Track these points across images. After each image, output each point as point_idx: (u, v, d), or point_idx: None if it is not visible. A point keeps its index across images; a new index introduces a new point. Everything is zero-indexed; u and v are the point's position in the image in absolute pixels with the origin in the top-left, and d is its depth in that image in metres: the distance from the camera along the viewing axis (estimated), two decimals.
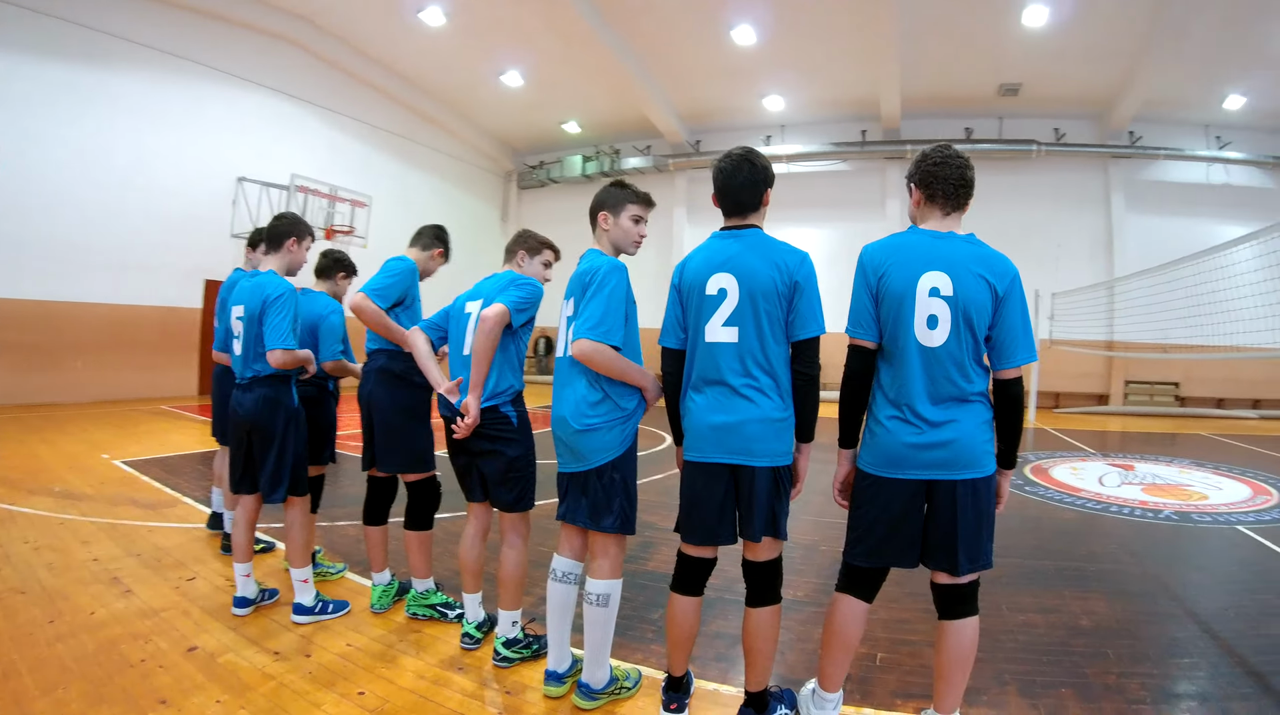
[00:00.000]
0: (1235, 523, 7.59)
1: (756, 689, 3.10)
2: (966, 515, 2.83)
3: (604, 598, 3.22)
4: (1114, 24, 16.10)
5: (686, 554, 3.15)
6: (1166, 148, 20.71)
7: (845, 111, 21.70)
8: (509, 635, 3.69)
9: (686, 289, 3.12)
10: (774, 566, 3.08)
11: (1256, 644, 4.44)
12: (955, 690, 2.95)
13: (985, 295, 2.80)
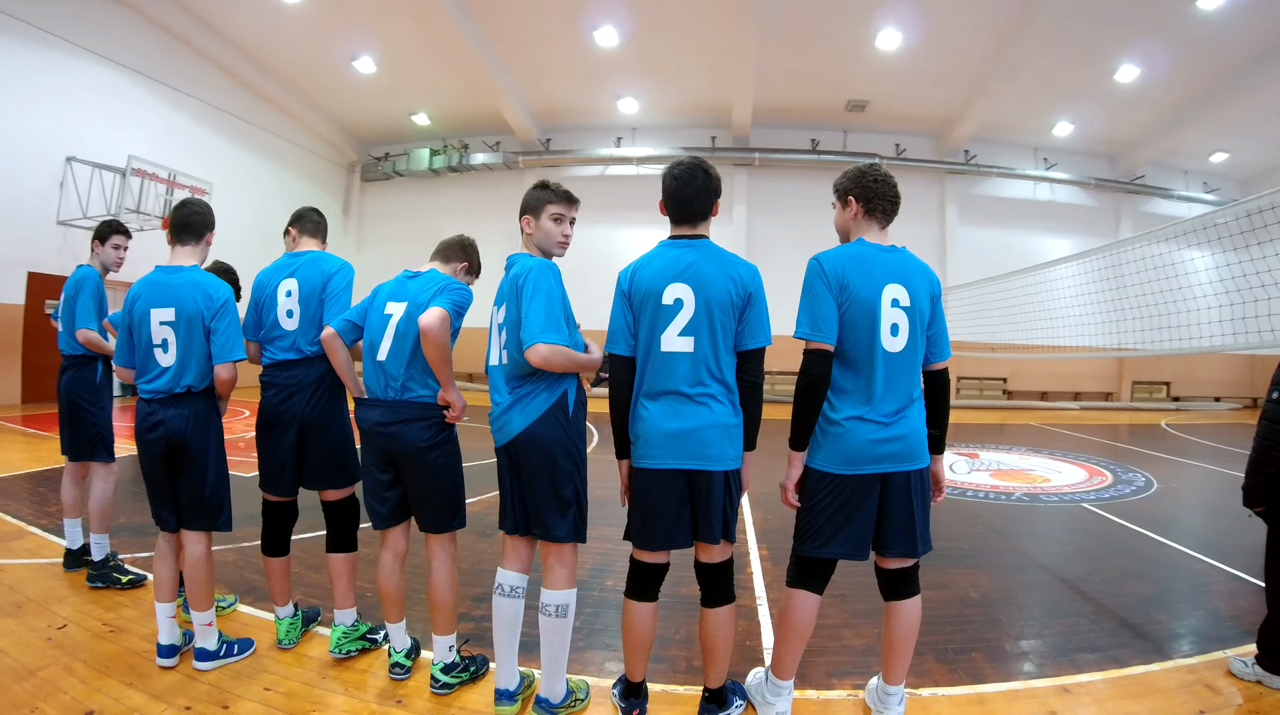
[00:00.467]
0: (1079, 501, 8.44)
1: (717, 684, 3.17)
2: (919, 502, 3.06)
3: (562, 608, 3.14)
4: (961, 53, 17.49)
5: (642, 561, 3.14)
6: (999, 166, 22.95)
7: (697, 117, 21.87)
8: (447, 660, 3.45)
9: (639, 297, 3.07)
10: (728, 567, 3.14)
11: (1123, 601, 5.04)
12: (905, 662, 3.16)
13: (927, 302, 3.08)
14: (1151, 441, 14.77)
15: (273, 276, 3.93)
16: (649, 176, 21.78)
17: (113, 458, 4.99)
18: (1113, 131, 22.39)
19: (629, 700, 3.20)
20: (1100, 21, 15.57)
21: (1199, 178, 25.15)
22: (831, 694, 3.50)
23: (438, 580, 3.47)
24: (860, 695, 3.46)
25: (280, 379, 3.84)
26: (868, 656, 3.93)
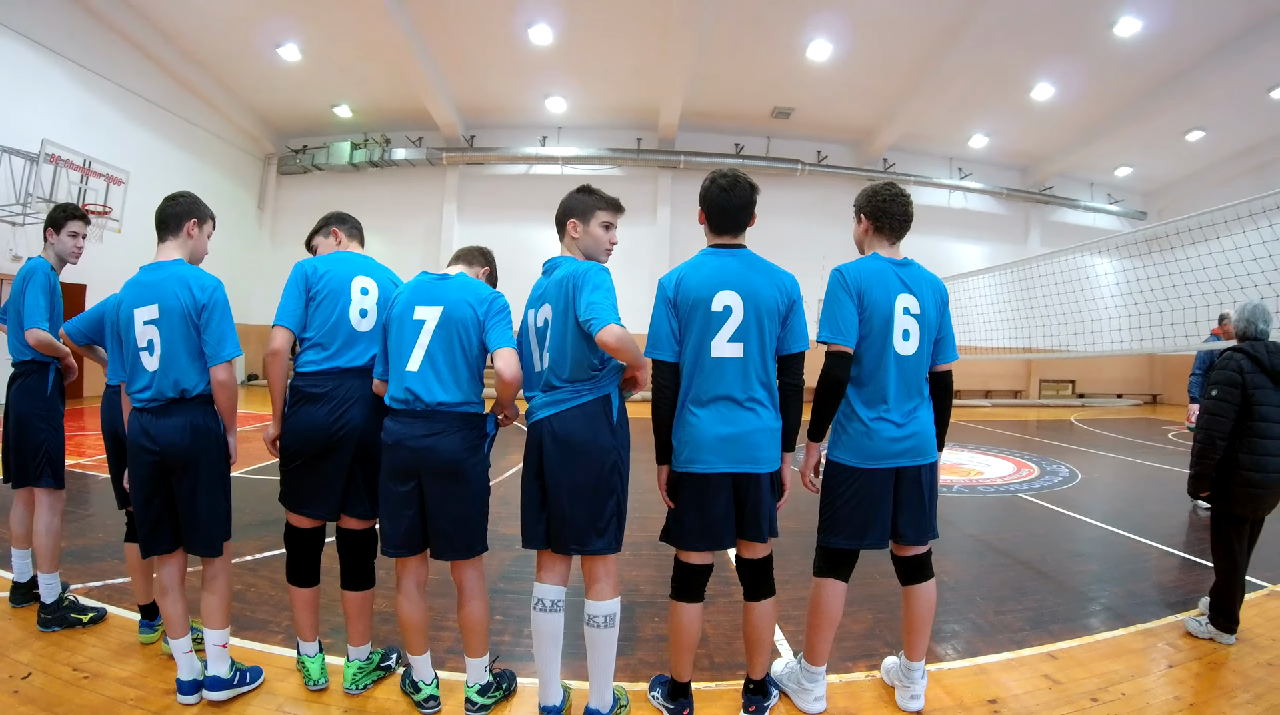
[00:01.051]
0: (1015, 491, 9.19)
1: (760, 675, 3.34)
2: (929, 493, 3.38)
3: (610, 618, 3.13)
4: (888, 68, 18.30)
5: (690, 562, 3.23)
6: (916, 174, 23.90)
7: (624, 118, 21.87)
8: (482, 681, 3.33)
9: (686, 304, 3.14)
10: (769, 562, 3.29)
11: (1077, 577, 5.76)
12: (925, 639, 3.44)
13: (937, 309, 3.40)
14: (1065, 436, 15.99)
15: (347, 273, 3.52)
16: (574, 177, 21.39)
17: (62, 485, 4.29)
18: (1025, 145, 23.95)
19: (678, 701, 3.30)
20: (1022, 44, 16.61)
21: (1104, 189, 27.23)
22: (851, 676, 3.78)
23: (472, 602, 3.29)
24: (877, 675, 3.76)
25: (336, 391, 3.41)
26: (871, 640, 4.25)
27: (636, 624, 4.44)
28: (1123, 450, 13.51)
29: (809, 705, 3.38)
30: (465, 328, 3.17)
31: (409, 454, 3.12)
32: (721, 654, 3.97)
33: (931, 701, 3.48)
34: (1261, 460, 4.20)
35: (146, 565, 3.70)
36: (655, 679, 3.51)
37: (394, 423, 3.17)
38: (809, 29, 16.45)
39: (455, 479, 3.16)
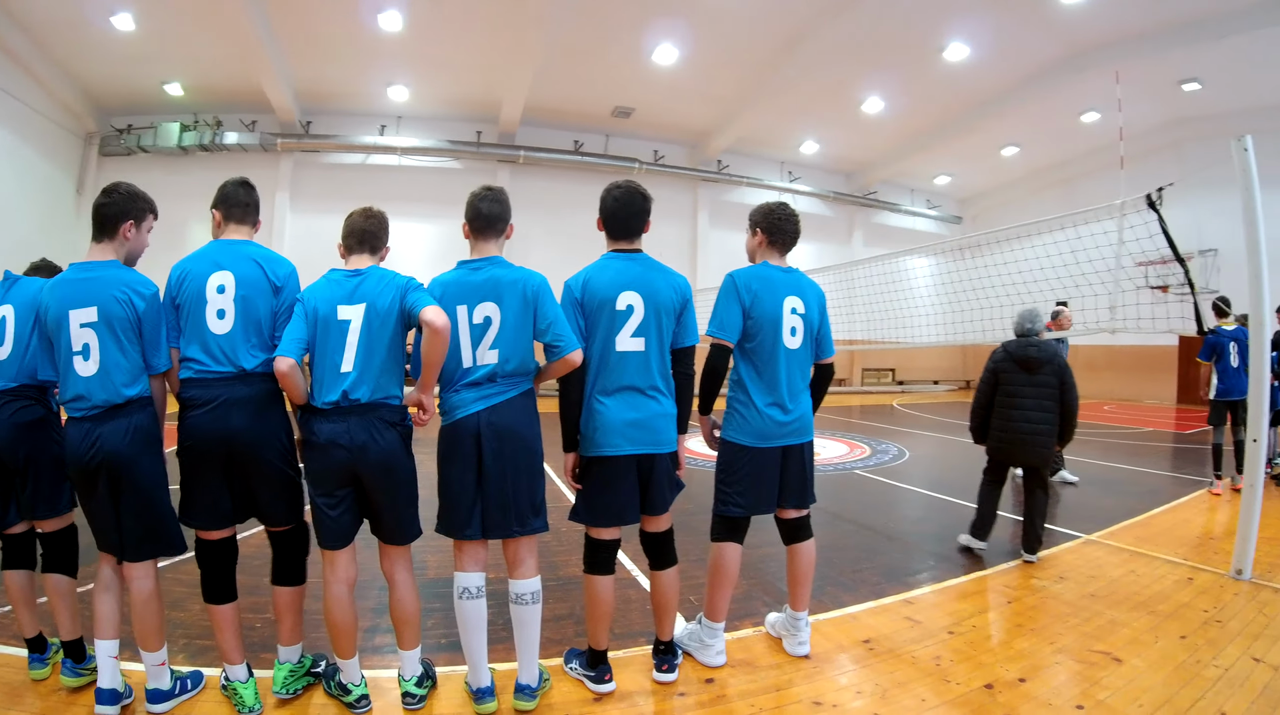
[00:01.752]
0: (851, 469, 10.15)
1: (668, 637, 3.68)
2: (809, 466, 3.95)
3: (536, 595, 3.35)
4: (728, 75, 19.06)
5: (601, 538, 3.52)
6: (748, 176, 25.14)
7: (466, 110, 21.48)
8: (418, 672, 3.36)
9: (594, 304, 3.44)
10: (670, 534, 3.69)
11: (920, 537, 6.60)
12: (807, 592, 3.97)
13: (818, 311, 3.94)
14: (890, 419, 17.55)
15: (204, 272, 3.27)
16: (411, 168, 21.56)
17: None
18: (853, 152, 25.71)
19: (598, 668, 3.52)
20: (857, 61, 17.84)
21: (923, 195, 29.75)
22: (741, 633, 4.22)
23: (406, 594, 3.33)
24: (764, 630, 4.24)
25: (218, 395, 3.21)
26: (751, 601, 4.73)
27: None
28: (941, 430, 15.12)
29: (711, 659, 3.79)
30: (388, 321, 3.21)
31: (344, 452, 3.13)
32: (620, 625, 4.26)
33: (815, 646, 4.00)
34: (1007, 423, 5.82)
35: (29, 594, 3.41)
36: (568, 653, 3.76)
37: (326, 423, 3.15)
38: (655, 34, 16.90)
39: (390, 472, 3.23)
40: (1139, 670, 3.78)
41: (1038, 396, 5.71)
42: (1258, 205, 5.29)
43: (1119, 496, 8.07)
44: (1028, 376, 5.75)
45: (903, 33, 16.47)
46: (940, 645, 4.12)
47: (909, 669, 3.80)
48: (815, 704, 3.42)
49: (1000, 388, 5.87)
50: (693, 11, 15.71)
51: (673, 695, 3.49)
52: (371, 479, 3.19)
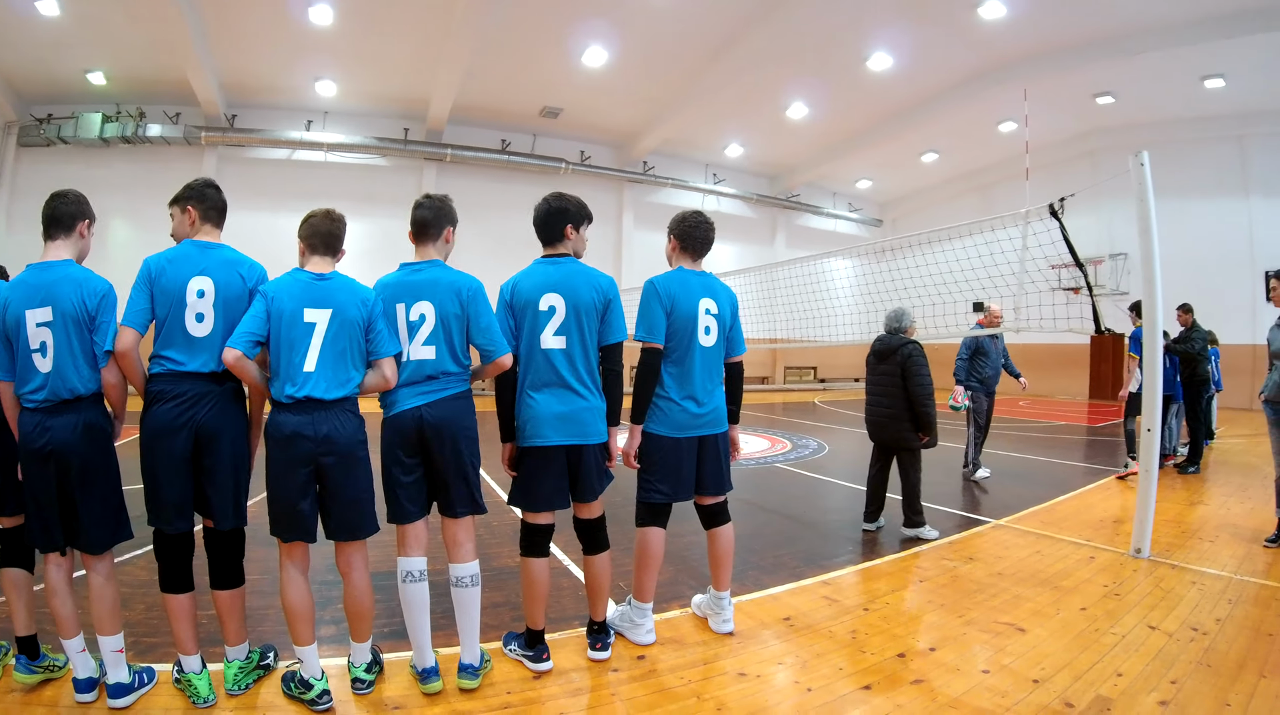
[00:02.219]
0: (772, 463, 10.40)
1: (602, 618, 3.85)
2: (724, 455, 4.16)
3: (475, 577, 3.50)
4: (657, 78, 19.19)
5: (535, 523, 3.69)
6: (674, 178, 25.36)
7: (393, 107, 21.10)
8: (367, 660, 3.47)
9: (520, 305, 3.66)
10: (602, 520, 3.85)
11: (837, 524, 6.88)
12: (728, 573, 4.18)
13: (730, 313, 4.17)
14: (810, 415, 17.98)
15: (185, 274, 3.32)
16: (337, 164, 21.10)
17: None
18: (777, 156, 26.18)
19: (536, 648, 3.66)
20: (783, 68, 18.11)
21: (845, 198, 30.45)
22: (670, 614, 4.37)
23: (363, 587, 3.41)
24: (690, 610, 4.42)
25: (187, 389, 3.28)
26: (677, 585, 4.88)
27: None
28: (861, 425, 14.93)
29: (642, 637, 3.96)
30: (353, 329, 3.34)
31: (308, 444, 3.22)
32: (553, 610, 4.33)
33: (738, 624, 4.17)
34: (867, 408, 6.62)
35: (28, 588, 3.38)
36: (506, 636, 3.86)
37: (290, 416, 3.23)
38: (586, 35, 16.90)
39: (350, 465, 3.33)
40: (1041, 638, 4.06)
41: (884, 384, 6.46)
42: (1152, 215, 5.71)
43: (1029, 486, 8.44)
44: (878, 366, 6.53)
45: (829, 42, 16.86)
46: (856, 620, 4.33)
47: (827, 642, 4.00)
48: (740, 675, 3.60)
49: (866, 378, 6.70)
50: (623, 14, 15.80)
51: (607, 671, 3.63)
52: (332, 469, 3.28)
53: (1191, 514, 7.24)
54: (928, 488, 6.54)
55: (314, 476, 3.29)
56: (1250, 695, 3.40)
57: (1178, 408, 9.90)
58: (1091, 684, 3.50)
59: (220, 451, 3.27)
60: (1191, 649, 3.92)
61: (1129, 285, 21.12)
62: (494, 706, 3.23)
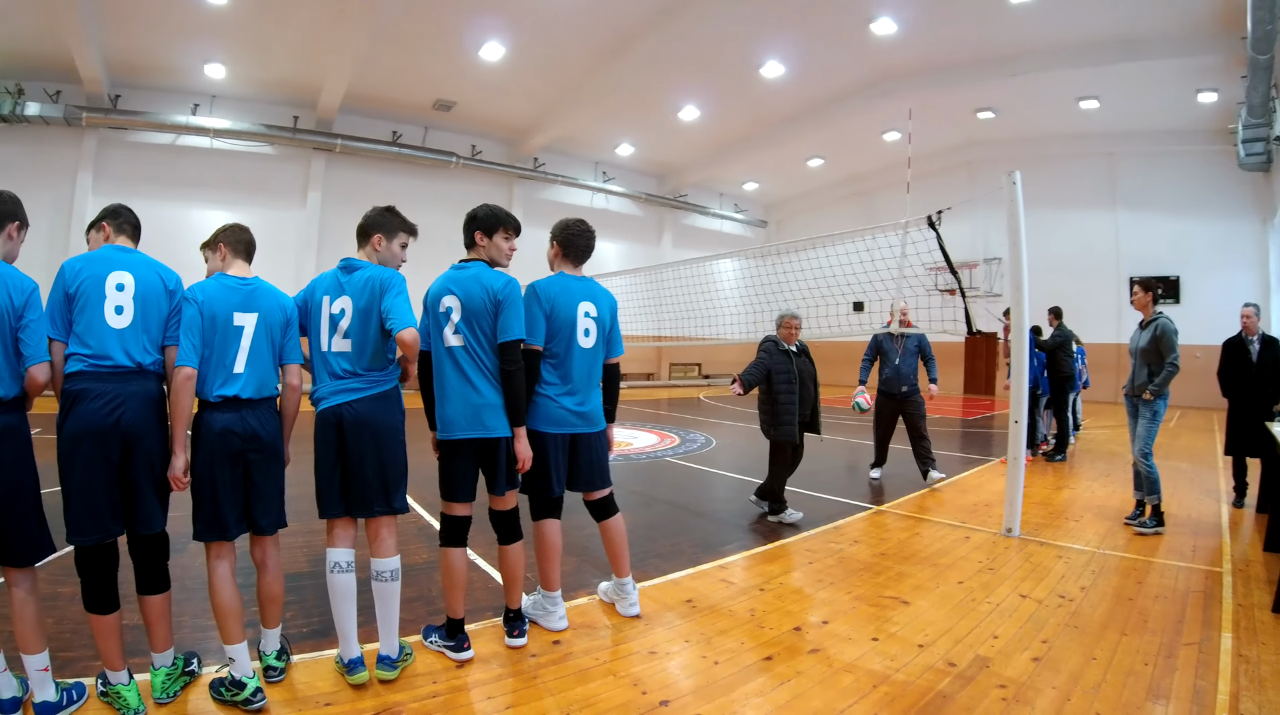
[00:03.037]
0: (663, 457, 10.58)
1: (517, 605, 3.95)
2: (602, 452, 4.34)
3: (395, 572, 3.57)
4: (553, 75, 19.16)
5: (453, 514, 3.82)
6: (564, 175, 25.46)
7: (283, 94, 20.21)
8: (277, 647, 3.53)
9: (428, 306, 3.84)
10: (515, 512, 3.95)
11: (728, 514, 7.07)
12: (626, 560, 4.37)
13: (609, 317, 4.34)
14: (696, 411, 18.36)
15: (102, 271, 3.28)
16: (223, 151, 19.99)
17: None
18: (667, 157, 26.61)
19: (456, 637, 3.73)
20: (677, 72, 18.50)
21: (732, 200, 31.19)
22: (578, 602, 4.51)
23: (276, 573, 3.52)
24: (597, 598, 4.57)
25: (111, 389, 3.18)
26: (581, 575, 5.02)
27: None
28: (746, 420, 15.92)
29: (555, 624, 4.10)
30: (275, 332, 3.49)
31: (239, 440, 3.31)
32: (468, 602, 4.28)
33: (644, 608, 4.34)
34: (777, 407, 6.54)
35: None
36: (425, 629, 3.92)
37: (221, 414, 3.31)
38: (484, 29, 16.73)
39: (273, 461, 3.45)
40: (924, 609, 4.41)
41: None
42: (1021, 228, 6.25)
43: (907, 474, 8.80)
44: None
45: (724, 49, 17.27)
46: (753, 600, 4.56)
47: (728, 620, 4.22)
48: (651, 653, 3.80)
49: (770, 376, 6.64)
50: (522, 10, 15.72)
51: (526, 657, 3.74)
52: (257, 465, 3.37)
53: (1058, 497, 7.87)
54: (813, 476, 6.79)
55: (241, 474, 3.35)
56: (1113, 651, 3.82)
57: (1047, 401, 10.66)
58: (971, 646, 3.85)
59: (148, 453, 3.20)
60: (1060, 613, 4.34)
61: (1002, 288, 22.35)
62: (422, 696, 3.28)
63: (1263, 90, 14.03)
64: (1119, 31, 15.57)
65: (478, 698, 3.28)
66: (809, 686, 3.40)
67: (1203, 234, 20.54)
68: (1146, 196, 21.56)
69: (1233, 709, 3.21)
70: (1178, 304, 20.13)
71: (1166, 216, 21.24)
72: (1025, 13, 15.03)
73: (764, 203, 32.52)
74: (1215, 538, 6.21)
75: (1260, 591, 4.80)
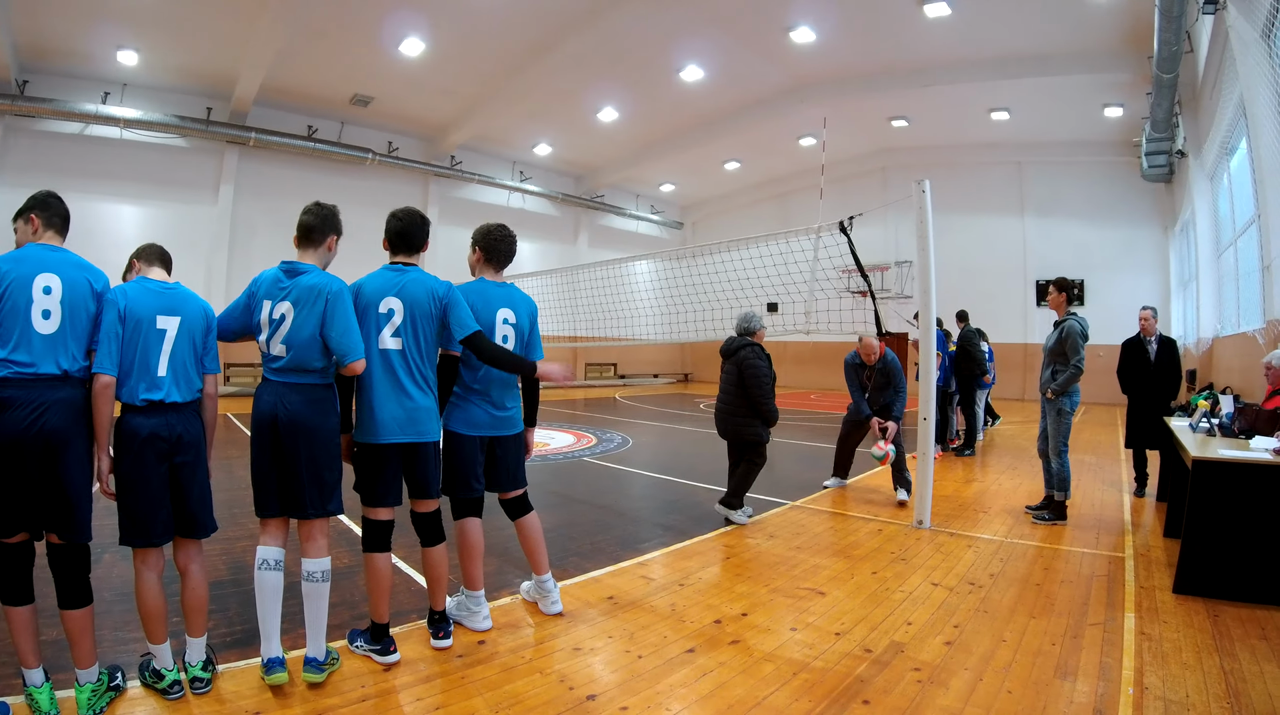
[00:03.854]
0: (580, 457, 10.54)
1: (441, 606, 3.94)
2: (519, 454, 4.38)
3: (326, 573, 3.52)
4: (473, 73, 18.87)
5: (376, 519, 3.77)
6: (481, 174, 25.05)
7: (198, 84, 19.02)
8: (203, 658, 3.42)
9: (362, 307, 3.73)
10: (438, 514, 3.96)
11: (647, 512, 7.17)
12: (544, 556, 4.38)
13: (528, 322, 4.35)
14: (613, 411, 18.36)
15: (28, 273, 3.18)
16: (133, 143, 18.75)
17: None
18: (585, 157, 26.52)
19: (383, 641, 3.70)
20: (598, 73, 18.48)
21: (649, 201, 31.27)
22: (501, 602, 4.49)
23: (199, 583, 3.44)
24: (520, 597, 4.57)
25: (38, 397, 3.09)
26: (503, 575, 5.00)
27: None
28: (663, 419, 16.04)
29: (480, 624, 4.08)
30: (197, 336, 3.46)
31: (166, 444, 3.27)
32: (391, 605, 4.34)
33: (566, 605, 4.35)
34: (717, 403, 6.66)
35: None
36: (350, 633, 3.86)
37: (145, 418, 3.26)
38: (404, 24, 16.32)
39: (198, 464, 3.40)
40: (839, 599, 4.52)
41: (725, 382, 6.73)
42: (929, 234, 6.48)
43: (820, 471, 8.92)
44: (724, 364, 6.76)
45: (644, 52, 17.33)
46: (674, 595, 4.59)
47: (649, 615, 4.25)
48: (576, 649, 3.82)
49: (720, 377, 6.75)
50: (443, 7, 15.44)
51: (452, 658, 3.72)
52: (183, 468, 3.33)
53: (968, 490, 8.16)
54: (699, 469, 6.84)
55: (169, 478, 3.30)
56: (1022, 633, 4.00)
57: (957, 398, 11.01)
58: (886, 632, 3.97)
59: (72, 460, 3.12)
60: (970, 599, 4.50)
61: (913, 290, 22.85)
62: (352, 700, 3.25)
63: (1166, 107, 14.79)
64: (1031, 48, 16.22)
65: (407, 700, 3.26)
66: (731, 676, 3.45)
67: (1107, 240, 21.56)
68: (1054, 204, 22.54)
69: (1137, 683, 3.38)
70: (1082, 306, 20.93)
71: (1073, 223, 22.24)
72: (941, 27, 15.49)
73: (681, 204, 32.76)
74: (1118, 525, 6.55)
75: (1161, 574, 5.09)
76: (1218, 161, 13.36)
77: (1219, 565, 4.57)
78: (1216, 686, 3.36)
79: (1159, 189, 20.29)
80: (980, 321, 11.39)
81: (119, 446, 3.26)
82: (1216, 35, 10.83)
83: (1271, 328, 8.43)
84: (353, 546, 5.33)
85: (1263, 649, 3.74)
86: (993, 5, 14.65)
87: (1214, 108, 12.23)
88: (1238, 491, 4.52)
